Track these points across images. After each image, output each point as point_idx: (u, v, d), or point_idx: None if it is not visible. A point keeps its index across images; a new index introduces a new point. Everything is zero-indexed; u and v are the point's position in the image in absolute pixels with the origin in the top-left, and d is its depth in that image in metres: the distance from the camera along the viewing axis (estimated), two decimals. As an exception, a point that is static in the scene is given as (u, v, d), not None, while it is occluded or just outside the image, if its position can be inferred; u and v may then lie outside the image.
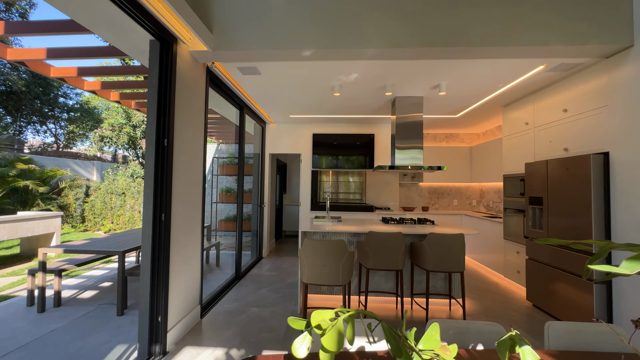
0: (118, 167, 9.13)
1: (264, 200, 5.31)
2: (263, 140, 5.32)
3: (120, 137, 9.75)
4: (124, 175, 8.61)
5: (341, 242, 2.28)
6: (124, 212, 8.16)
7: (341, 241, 2.29)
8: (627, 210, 2.35)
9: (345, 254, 2.29)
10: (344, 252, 2.29)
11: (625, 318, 2.36)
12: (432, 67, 2.84)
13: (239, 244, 4.05)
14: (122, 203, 8.17)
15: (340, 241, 2.29)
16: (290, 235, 7.51)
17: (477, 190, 6.00)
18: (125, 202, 8.18)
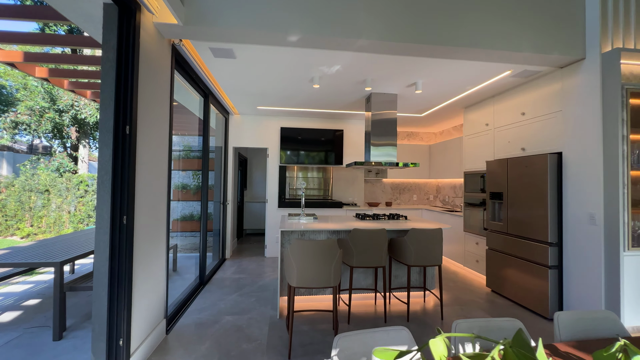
0: (39, 159, 7.66)
1: (227, 198, 4.93)
2: (226, 133, 4.91)
3: (41, 123, 8.18)
4: (47, 170, 7.26)
5: (332, 242, 2.17)
6: (48, 212, 6.90)
7: (332, 241, 2.17)
8: (577, 203, 2.67)
9: (336, 254, 2.18)
10: (335, 252, 2.18)
11: (573, 297, 2.69)
12: (412, 65, 2.87)
13: (203, 245, 3.67)
14: (45, 202, 6.89)
15: (332, 241, 2.17)
16: (252, 234, 7.16)
17: (434, 186, 6.40)
18: (50, 201, 6.92)
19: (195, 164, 5.58)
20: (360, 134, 5.40)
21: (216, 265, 4.38)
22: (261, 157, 7.47)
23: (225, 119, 4.86)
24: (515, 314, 2.93)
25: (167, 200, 2.42)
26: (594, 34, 2.54)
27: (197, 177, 5.90)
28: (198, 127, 3.79)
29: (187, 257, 5.03)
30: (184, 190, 5.69)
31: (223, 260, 4.76)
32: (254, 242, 6.29)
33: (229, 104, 4.40)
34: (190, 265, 4.56)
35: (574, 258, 2.68)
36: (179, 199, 5.73)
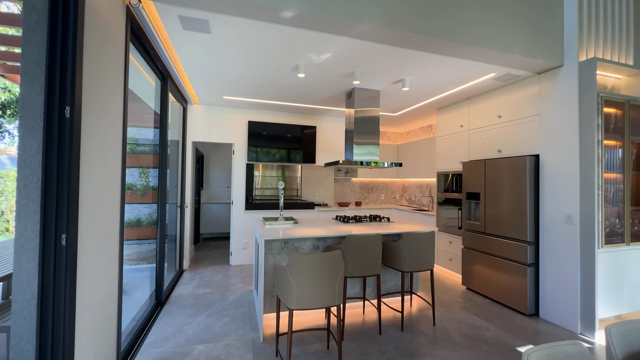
0: None
1: (186, 200, 4.29)
2: (184, 125, 4.26)
3: None
4: None
5: (337, 255, 1.88)
6: None
7: (337, 253, 1.88)
8: (554, 203, 2.80)
9: (341, 267, 1.90)
10: (340, 265, 1.90)
11: (549, 293, 2.82)
12: (403, 59, 2.71)
13: (160, 257, 3.07)
14: None
15: (336, 253, 1.88)
16: (210, 239, 6.47)
17: (400, 185, 6.50)
18: None
19: (144, 160, 4.77)
20: (335, 131, 5.17)
21: (174, 278, 3.76)
22: (220, 154, 6.80)
23: (183, 109, 4.20)
24: (497, 312, 2.99)
25: (121, 208, 1.88)
26: (571, 42, 2.67)
27: (144, 176, 5.07)
28: (153, 118, 3.15)
29: (135, 270, 4.26)
30: (129, 190, 4.82)
31: (181, 272, 4.12)
32: (213, 248, 5.66)
33: (190, 91, 3.79)
34: (141, 281, 3.84)
35: (551, 256, 2.81)
36: (126, 201, 4.84)
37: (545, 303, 2.86)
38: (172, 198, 4.06)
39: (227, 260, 4.72)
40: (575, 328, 2.60)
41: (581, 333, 2.58)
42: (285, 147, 4.75)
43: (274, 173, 5.40)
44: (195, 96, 3.99)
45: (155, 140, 3.14)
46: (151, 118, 3.25)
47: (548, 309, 2.83)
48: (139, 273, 4.18)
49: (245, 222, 4.55)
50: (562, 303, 2.71)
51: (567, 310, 2.67)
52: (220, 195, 6.75)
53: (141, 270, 4.32)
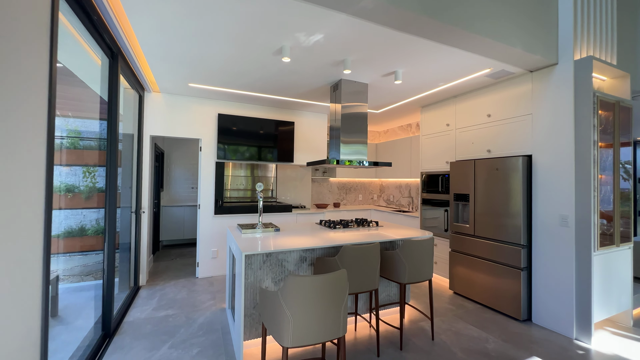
0: None
1: (143, 203, 3.66)
2: (141, 116, 3.62)
3: None
4: None
5: (342, 275, 1.53)
6: None
7: (342, 273, 1.54)
8: (548, 205, 2.73)
9: (346, 289, 1.56)
10: (346, 287, 1.56)
11: (542, 298, 2.75)
12: (401, 48, 2.45)
13: (108, 272, 2.49)
14: None
15: (342, 273, 1.53)
16: (171, 246, 5.77)
17: (377, 185, 6.35)
18: None
19: (89, 157, 4.01)
20: (315, 128, 4.81)
21: (127, 298, 3.15)
22: (184, 150, 6.10)
23: (139, 97, 3.56)
24: (490, 319, 2.86)
25: (46, 215, 1.35)
26: (566, 40, 2.60)
27: (90, 176, 4.29)
28: (100, 106, 2.55)
29: (77, 288, 3.53)
30: (69, 193, 4.03)
31: (137, 289, 3.50)
32: (175, 257, 5.00)
33: (148, 76, 3.20)
34: (83, 303, 3.17)
35: (544, 259, 2.74)
36: (60, 206, 4.04)
37: (538, 308, 2.79)
38: (125, 201, 3.42)
39: (193, 272, 4.15)
40: (570, 333, 2.54)
41: (576, 338, 2.52)
42: (260, 144, 4.29)
43: (246, 172, 4.91)
44: (155, 82, 3.39)
45: (104, 134, 2.55)
46: (98, 107, 2.65)
47: (541, 314, 2.75)
48: (84, 293, 3.47)
49: (215, 228, 4.03)
50: (556, 308, 2.64)
51: (561, 315, 2.60)
52: (183, 197, 6.06)
53: (86, 289, 3.60)
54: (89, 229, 4.32)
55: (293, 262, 2.43)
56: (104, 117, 2.55)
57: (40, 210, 1.30)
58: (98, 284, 2.86)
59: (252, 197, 4.92)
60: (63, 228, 3.94)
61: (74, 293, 3.42)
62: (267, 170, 5.05)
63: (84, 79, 2.69)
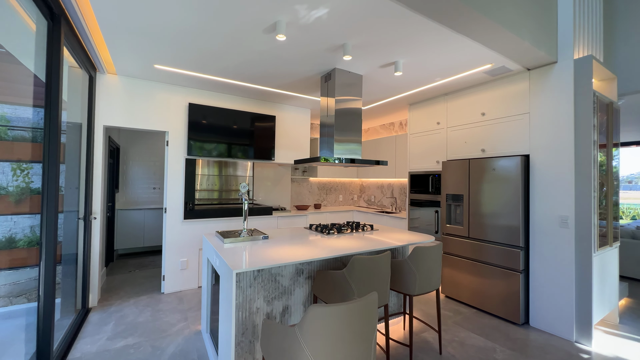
0: None
1: (94, 207, 3.03)
2: (92, 102, 2.99)
3: None
4: None
5: (373, 300, 1.22)
6: None
7: (373, 297, 1.22)
8: (546, 206, 2.68)
9: (376, 317, 1.25)
10: (376, 315, 1.24)
11: (541, 300, 2.69)
12: (406, 34, 2.21)
13: (45, 291, 1.93)
14: None
15: (372, 298, 1.22)
16: (127, 255, 5.03)
17: (357, 185, 6.16)
18: None
19: (20, 150, 3.26)
20: (298, 123, 4.45)
21: (73, 325, 2.54)
22: (144, 145, 5.38)
23: (90, 79, 2.93)
24: (490, 325, 2.75)
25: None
26: (566, 38, 2.56)
27: (23, 174, 3.51)
28: (34, 87, 1.98)
29: (2, 315, 2.80)
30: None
31: (86, 312, 2.87)
32: (134, 269, 4.33)
33: (101, 51, 2.62)
34: (10, 335, 2.49)
35: (542, 261, 2.69)
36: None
37: (536, 311, 2.73)
38: (70, 205, 2.78)
39: (158, 287, 3.57)
40: (570, 336, 2.49)
41: (576, 341, 2.48)
42: (238, 140, 3.83)
43: (218, 171, 4.40)
44: (111, 60, 2.80)
45: (59, 123, 1.97)
46: (32, 89, 2.06)
47: (539, 317, 2.70)
48: (12, 321, 2.75)
49: (185, 235, 3.50)
50: (555, 310, 2.59)
51: (560, 317, 2.56)
52: (143, 198, 5.33)
53: (15, 316, 2.87)
54: (21, 240, 3.54)
55: (288, 277, 2.08)
56: (39, 103, 1.98)
57: None
58: (32, 307, 2.25)
59: (226, 198, 4.42)
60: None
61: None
62: (243, 168, 4.58)
63: (11, 50, 2.07)
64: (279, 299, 2.03)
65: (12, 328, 2.60)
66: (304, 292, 2.15)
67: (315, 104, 4.19)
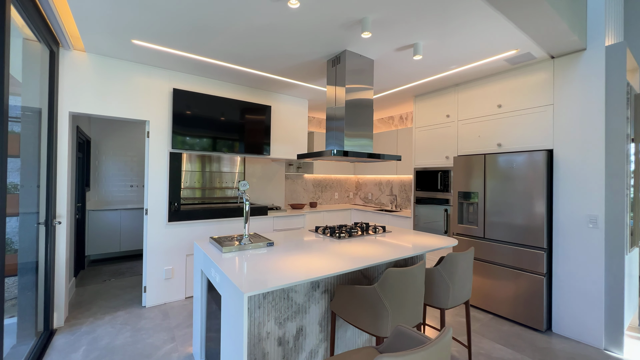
0: None
1: (58, 210, 2.54)
2: (53, 84, 2.48)
3: None
4: None
5: (448, 341, 0.91)
6: None
7: (448, 340, 0.91)
8: (573, 205, 2.49)
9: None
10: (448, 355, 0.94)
11: (566, 305, 2.52)
12: (433, 10, 1.93)
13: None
14: None
15: (448, 340, 0.91)
16: (100, 261, 4.49)
17: (353, 182, 5.88)
18: None
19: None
20: (295, 115, 4.08)
21: (32, 353, 2.08)
22: (119, 137, 4.81)
23: (51, 54, 2.43)
24: (511, 332, 2.55)
25: None
26: (597, 24, 2.36)
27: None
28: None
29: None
30: None
31: (49, 334, 2.40)
32: (107, 276, 3.83)
33: (64, 18, 2.14)
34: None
35: (567, 263, 2.51)
36: None
37: (559, 317, 2.55)
38: (28, 206, 2.29)
39: (138, 299, 3.12)
40: (599, 343, 2.33)
41: (606, 348, 2.32)
42: (228, 132, 3.42)
43: (203, 167, 3.96)
44: (77, 33, 2.32)
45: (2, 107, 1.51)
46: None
47: (563, 323, 2.53)
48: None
49: (169, 239, 3.06)
50: (581, 316, 2.43)
51: (588, 324, 2.39)
52: (118, 198, 4.78)
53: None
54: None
55: (303, 292, 1.74)
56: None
57: None
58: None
59: (211, 197, 3.99)
60: None
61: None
62: (231, 164, 4.16)
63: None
64: (292, 320, 1.69)
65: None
66: (320, 310, 1.82)
67: (314, 93, 3.84)
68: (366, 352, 1.25)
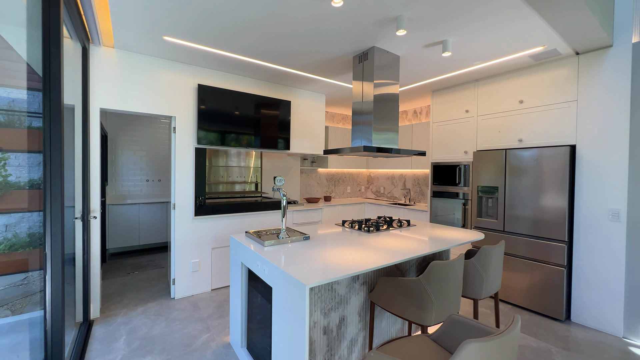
0: None
1: (91, 203, 2.60)
2: (86, 81, 2.51)
3: None
4: None
5: (518, 330, 0.98)
6: None
7: (518, 328, 0.98)
8: (594, 199, 2.56)
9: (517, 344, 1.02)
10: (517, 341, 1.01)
11: (585, 296, 2.61)
12: (467, 6, 1.95)
13: (53, 304, 1.56)
14: None
15: (518, 329, 0.98)
16: (119, 254, 4.56)
17: (365, 176, 5.94)
18: None
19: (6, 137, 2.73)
20: (313, 110, 4.11)
21: (77, 342, 2.16)
22: (134, 132, 4.84)
23: (83, 51, 2.45)
24: (533, 322, 2.65)
25: None
26: (624, 20, 2.39)
27: (0, 165, 2.97)
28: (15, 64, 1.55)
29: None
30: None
31: (88, 326, 2.48)
32: (130, 269, 3.91)
33: (101, 15, 2.15)
34: (5, 355, 2.08)
35: (588, 255, 2.59)
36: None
37: (578, 306, 2.65)
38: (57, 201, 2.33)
39: (165, 291, 3.20)
40: (618, 332, 2.43)
41: (624, 336, 2.42)
42: (251, 128, 3.45)
43: (224, 162, 3.99)
44: (110, 29, 2.34)
45: (61, 105, 1.54)
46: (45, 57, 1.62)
47: (583, 312, 2.62)
48: None
49: (196, 233, 3.13)
50: (601, 306, 2.52)
51: (607, 313, 2.48)
52: (135, 192, 4.84)
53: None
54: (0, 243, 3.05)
55: (345, 284, 1.82)
56: (31, 86, 1.56)
57: None
58: (16, 322, 1.86)
59: (237, 191, 4.05)
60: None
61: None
62: (249, 159, 4.20)
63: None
64: (335, 310, 1.77)
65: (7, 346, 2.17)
66: (359, 300, 1.90)
67: (333, 88, 3.86)
68: (420, 340, 1.33)
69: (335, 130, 4.93)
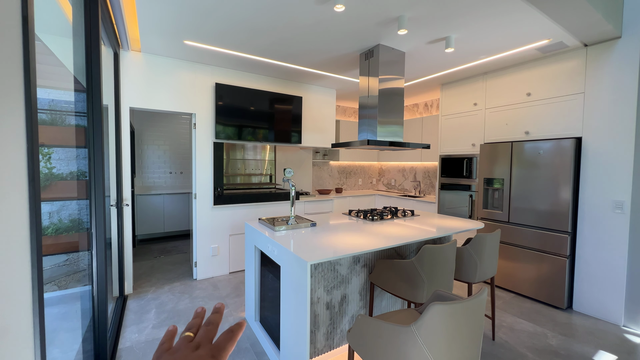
0: None
1: (125, 194, 2.92)
2: (118, 84, 2.80)
3: None
4: None
5: (485, 294, 1.14)
6: None
7: (484, 293, 1.14)
8: (599, 191, 2.59)
9: (483, 314, 1.17)
10: (484, 309, 1.17)
11: (587, 286, 2.67)
12: (467, 5, 2.03)
13: (99, 279, 1.86)
14: None
15: (484, 292, 1.14)
16: (148, 241, 4.97)
17: (376, 169, 6.05)
18: None
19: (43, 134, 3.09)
20: (323, 105, 4.27)
21: (115, 313, 2.50)
22: (158, 127, 5.19)
23: (115, 56, 2.73)
24: (534, 309, 2.74)
25: (30, 213, 0.76)
26: (634, 12, 2.37)
27: (45, 159, 3.37)
28: (56, 68, 1.80)
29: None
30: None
31: (124, 300, 2.83)
32: (157, 253, 4.28)
33: (130, 24, 2.41)
34: (52, 323, 2.45)
35: (591, 246, 2.63)
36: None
37: (580, 295, 2.71)
38: (99, 191, 2.66)
39: (188, 273, 3.53)
40: (618, 321, 2.49)
41: (624, 325, 2.47)
42: (265, 123, 3.66)
43: (240, 155, 4.25)
44: (137, 36, 2.59)
45: (101, 103, 1.82)
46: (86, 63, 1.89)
47: (583, 301, 2.68)
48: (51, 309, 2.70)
49: (215, 220, 3.41)
50: (602, 295, 2.57)
51: (608, 302, 2.54)
52: (159, 183, 5.22)
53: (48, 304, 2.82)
54: (47, 227, 3.45)
55: (346, 265, 2.01)
56: (77, 87, 1.81)
57: (24, 203, 0.71)
58: (65, 295, 2.18)
59: (252, 183, 4.31)
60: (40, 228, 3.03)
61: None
62: (263, 152, 4.44)
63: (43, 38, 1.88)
64: (337, 288, 1.97)
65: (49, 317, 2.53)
66: (360, 281, 2.09)
67: (343, 83, 3.99)
68: (408, 312, 1.50)
69: (347, 124, 5.07)
